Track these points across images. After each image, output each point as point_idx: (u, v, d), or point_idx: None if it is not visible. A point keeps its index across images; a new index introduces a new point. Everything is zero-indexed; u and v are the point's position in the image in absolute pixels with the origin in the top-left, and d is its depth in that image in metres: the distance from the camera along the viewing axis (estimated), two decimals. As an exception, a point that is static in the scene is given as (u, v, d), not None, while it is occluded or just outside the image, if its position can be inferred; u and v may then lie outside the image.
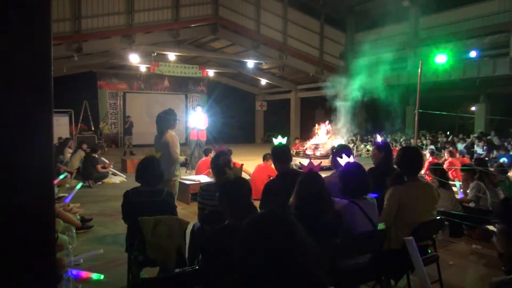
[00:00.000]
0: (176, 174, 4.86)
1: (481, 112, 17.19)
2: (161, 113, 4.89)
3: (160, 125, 4.82)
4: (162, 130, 4.81)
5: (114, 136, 19.77)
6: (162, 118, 4.83)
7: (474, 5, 14.33)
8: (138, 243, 3.13)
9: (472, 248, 4.97)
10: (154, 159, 3.60)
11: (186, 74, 17.91)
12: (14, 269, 1.48)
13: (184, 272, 2.80)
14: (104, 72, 19.32)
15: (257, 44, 16.24)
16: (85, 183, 9.22)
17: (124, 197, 3.41)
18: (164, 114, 4.87)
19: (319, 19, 18.00)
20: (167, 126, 4.82)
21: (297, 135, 20.44)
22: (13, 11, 1.42)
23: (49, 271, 1.58)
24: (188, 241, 3.49)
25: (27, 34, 1.46)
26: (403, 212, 3.19)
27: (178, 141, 4.87)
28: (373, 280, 3.16)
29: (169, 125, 4.84)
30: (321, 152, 12.49)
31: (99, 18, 12.88)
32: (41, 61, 1.49)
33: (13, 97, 1.44)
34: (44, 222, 1.54)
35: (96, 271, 4.03)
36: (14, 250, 1.47)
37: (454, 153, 10.36)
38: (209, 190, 3.53)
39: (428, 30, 15.76)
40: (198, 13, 14.87)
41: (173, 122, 4.87)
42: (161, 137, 4.78)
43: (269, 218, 1.37)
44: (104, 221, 6.12)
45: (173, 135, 4.80)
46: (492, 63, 13.44)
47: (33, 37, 1.46)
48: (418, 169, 3.44)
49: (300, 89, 21.69)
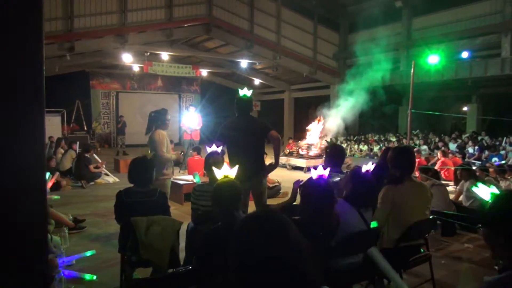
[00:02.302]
0: (165, 172, 4.76)
1: (473, 112, 17.34)
2: (151, 112, 4.87)
3: (149, 123, 4.80)
4: (150, 128, 4.78)
5: (107, 136, 19.68)
6: (151, 117, 4.80)
7: (466, 6, 14.46)
8: (131, 244, 3.12)
9: (465, 247, 5.00)
10: (145, 160, 3.59)
11: (180, 74, 17.87)
12: (5, 270, 1.47)
13: (177, 273, 2.79)
14: (97, 71, 19.22)
15: (250, 44, 16.24)
16: (77, 183, 9.19)
17: (117, 198, 3.39)
18: (154, 113, 4.83)
19: (313, 19, 18.05)
20: (156, 125, 4.76)
21: (291, 135, 20.48)
22: (3, 10, 1.40)
23: (41, 272, 1.57)
24: (181, 242, 3.48)
25: (18, 33, 1.44)
26: (396, 211, 3.21)
27: (167, 139, 4.79)
28: (366, 279, 3.17)
29: (157, 124, 4.77)
30: (315, 152, 12.51)
31: (91, 17, 12.81)
32: (33, 60, 1.48)
33: (3, 96, 1.42)
34: (35, 222, 1.52)
35: (89, 272, 4.01)
36: (5, 251, 1.46)
37: (447, 153, 10.45)
38: (202, 190, 3.53)
39: (421, 31, 15.89)
40: (191, 13, 14.84)
41: (161, 121, 4.78)
42: (150, 136, 4.74)
43: (262, 218, 1.37)
44: (96, 221, 6.09)
45: (160, 133, 4.70)
46: (484, 64, 13.57)
47: (24, 36, 1.45)
48: (411, 169, 3.46)
49: (293, 89, 21.74)
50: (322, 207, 2.54)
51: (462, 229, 5.50)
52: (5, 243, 1.47)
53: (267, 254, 1.25)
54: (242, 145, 4.12)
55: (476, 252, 4.84)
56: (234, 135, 4.15)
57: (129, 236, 3.14)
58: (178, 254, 3.29)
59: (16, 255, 1.49)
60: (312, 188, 2.60)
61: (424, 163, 9.39)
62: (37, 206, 1.53)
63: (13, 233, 1.47)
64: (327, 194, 2.57)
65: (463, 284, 4.10)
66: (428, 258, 3.45)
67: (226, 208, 2.41)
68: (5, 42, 1.43)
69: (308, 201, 2.60)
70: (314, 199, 2.57)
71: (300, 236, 1.34)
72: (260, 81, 21.27)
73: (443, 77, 14.40)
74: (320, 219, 2.54)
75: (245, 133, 4.13)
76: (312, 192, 2.59)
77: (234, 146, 4.17)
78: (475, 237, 5.25)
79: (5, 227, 1.46)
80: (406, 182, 3.28)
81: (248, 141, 4.13)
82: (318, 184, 2.58)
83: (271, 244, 1.27)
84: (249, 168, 3.82)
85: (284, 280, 1.24)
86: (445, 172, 9.73)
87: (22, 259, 1.50)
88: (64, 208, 6.43)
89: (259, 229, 1.32)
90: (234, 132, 4.17)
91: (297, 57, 17.60)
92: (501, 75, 13.28)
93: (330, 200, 2.58)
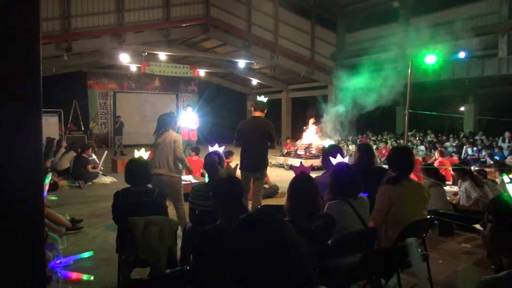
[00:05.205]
0: (181, 171, 5.02)
1: (470, 112, 17.38)
2: (162, 115, 5.04)
3: (159, 125, 4.94)
4: (160, 129, 4.91)
5: (104, 136, 19.64)
6: (163, 119, 4.96)
7: (463, 6, 14.49)
8: (129, 244, 3.11)
9: (462, 247, 5.01)
10: (142, 160, 3.60)
11: (177, 74, 17.85)
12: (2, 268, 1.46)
13: (175, 273, 2.79)
14: (94, 71, 19.17)
15: (248, 44, 16.24)
16: (75, 183, 9.16)
17: (115, 198, 3.39)
18: (166, 116, 5.02)
19: (310, 19, 18.06)
20: (170, 127, 4.96)
21: (289, 135, 20.48)
22: (0, 10, 1.40)
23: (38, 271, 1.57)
24: (179, 242, 3.48)
25: (16, 33, 1.44)
26: (394, 211, 3.21)
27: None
28: (364, 279, 3.17)
29: (171, 125, 4.98)
30: (312, 152, 12.53)
31: (89, 17, 12.79)
32: (30, 60, 1.47)
33: (0, 96, 1.42)
34: (33, 222, 1.52)
35: (86, 272, 4.00)
36: (3, 250, 1.46)
37: (444, 153, 10.48)
38: (201, 190, 3.53)
39: (418, 31, 15.90)
40: (189, 13, 14.82)
41: (174, 123, 5.10)
42: (165, 136, 4.85)
43: (260, 218, 1.37)
44: (94, 221, 6.07)
45: (178, 134, 5.06)
46: (481, 64, 13.61)
47: (21, 36, 1.45)
48: (409, 168, 3.46)
49: (291, 89, 21.74)
50: (305, 197, 2.69)
51: (460, 229, 5.52)
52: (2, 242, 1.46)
53: (264, 254, 1.25)
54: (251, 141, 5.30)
55: (473, 251, 4.86)
56: (246, 132, 5.39)
57: (126, 236, 3.13)
58: (176, 254, 3.29)
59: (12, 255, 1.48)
60: (293, 182, 2.81)
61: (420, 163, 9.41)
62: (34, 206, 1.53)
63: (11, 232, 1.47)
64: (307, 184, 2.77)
65: (461, 283, 4.11)
66: (426, 258, 3.46)
67: (226, 207, 2.42)
68: (2, 42, 1.42)
69: (291, 195, 2.77)
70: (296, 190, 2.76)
71: (297, 237, 1.35)
72: (257, 81, 21.27)
73: (440, 77, 14.43)
74: (303, 209, 2.66)
75: (254, 132, 5.33)
76: (293, 186, 2.78)
77: (246, 141, 5.35)
78: (473, 237, 5.27)
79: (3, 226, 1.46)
80: (403, 182, 3.29)
81: (255, 138, 5.31)
82: (299, 178, 2.82)
83: (268, 245, 1.27)
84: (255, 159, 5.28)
85: (281, 280, 1.24)
86: (443, 172, 9.75)
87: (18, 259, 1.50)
88: (61, 209, 6.41)
89: (256, 230, 1.32)
90: (247, 129, 5.42)
91: (295, 57, 17.60)
92: (498, 75, 13.32)
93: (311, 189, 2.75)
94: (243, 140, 5.35)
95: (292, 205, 2.71)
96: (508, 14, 13.10)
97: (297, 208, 2.69)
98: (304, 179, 2.81)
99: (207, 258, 2.26)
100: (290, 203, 2.73)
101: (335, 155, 3.75)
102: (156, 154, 4.81)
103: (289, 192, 2.78)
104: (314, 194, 2.73)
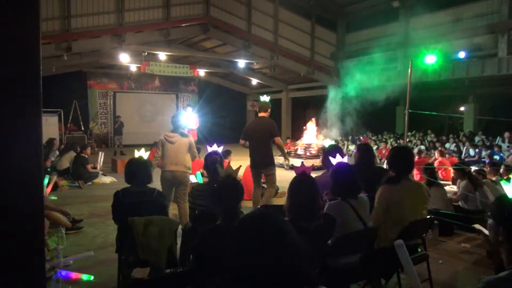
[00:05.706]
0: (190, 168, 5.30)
1: (470, 112, 17.38)
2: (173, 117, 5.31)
3: (175, 125, 5.22)
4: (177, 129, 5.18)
5: (104, 136, 19.64)
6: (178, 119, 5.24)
7: (463, 6, 14.49)
8: (129, 244, 3.11)
9: (462, 247, 5.01)
10: (142, 160, 3.60)
11: (177, 74, 17.84)
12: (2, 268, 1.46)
13: (175, 273, 2.79)
14: (94, 71, 19.18)
15: (248, 44, 16.23)
16: (75, 183, 9.16)
17: (115, 198, 3.39)
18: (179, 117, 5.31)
19: (310, 19, 18.05)
20: (183, 127, 5.32)
21: (289, 135, 20.49)
22: (0, 10, 1.40)
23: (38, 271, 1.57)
24: (179, 242, 3.48)
25: (16, 33, 1.44)
26: (393, 211, 3.21)
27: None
28: (364, 279, 3.17)
29: (184, 126, 5.39)
30: (312, 152, 12.52)
31: (88, 17, 12.77)
32: (30, 60, 1.47)
33: (1, 96, 1.42)
34: (32, 222, 1.52)
35: (86, 272, 3.99)
36: (2, 250, 1.46)
37: (444, 153, 10.47)
38: (201, 190, 3.54)
39: (418, 31, 15.90)
40: (189, 13, 14.81)
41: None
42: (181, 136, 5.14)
43: (260, 218, 1.37)
44: (94, 221, 6.07)
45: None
46: (481, 64, 13.61)
47: (21, 36, 1.45)
48: (409, 168, 3.46)
49: (291, 89, 21.74)
50: (305, 197, 2.70)
51: (460, 229, 5.51)
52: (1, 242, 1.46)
53: (265, 254, 1.25)
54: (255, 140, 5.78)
55: (473, 251, 4.86)
56: (251, 133, 5.85)
57: (126, 236, 3.13)
58: (176, 254, 3.29)
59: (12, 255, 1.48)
60: (293, 182, 2.82)
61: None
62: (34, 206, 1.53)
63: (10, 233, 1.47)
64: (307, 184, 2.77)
65: (461, 283, 4.11)
66: (425, 258, 3.46)
67: (226, 207, 2.42)
68: (2, 42, 1.42)
69: (291, 195, 2.78)
70: (296, 190, 2.77)
71: (297, 237, 1.35)
72: (257, 81, 21.26)
73: (440, 77, 14.43)
74: (303, 209, 2.67)
75: (257, 132, 5.79)
76: (293, 186, 2.79)
77: (251, 141, 5.82)
78: (473, 237, 5.27)
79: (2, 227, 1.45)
80: (403, 182, 3.29)
81: (259, 138, 5.76)
82: (299, 179, 2.83)
83: (268, 245, 1.27)
84: (259, 157, 5.78)
85: (281, 280, 1.24)
86: (443, 172, 9.76)
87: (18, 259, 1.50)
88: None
89: (256, 230, 1.32)
90: (251, 130, 5.88)
91: (295, 57, 17.59)
92: (498, 75, 13.32)
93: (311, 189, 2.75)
94: (249, 140, 5.84)
95: (292, 205, 2.72)
96: (508, 14, 13.10)
97: (297, 208, 2.69)
98: (304, 179, 2.81)
99: (207, 258, 2.26)
100: (290, 203, 2.74)
101: (335, 155, 3.75)
102: (173, 152, 5.04)
103: (289, 192, 2.79)
104: (314, 194, 2.73)
